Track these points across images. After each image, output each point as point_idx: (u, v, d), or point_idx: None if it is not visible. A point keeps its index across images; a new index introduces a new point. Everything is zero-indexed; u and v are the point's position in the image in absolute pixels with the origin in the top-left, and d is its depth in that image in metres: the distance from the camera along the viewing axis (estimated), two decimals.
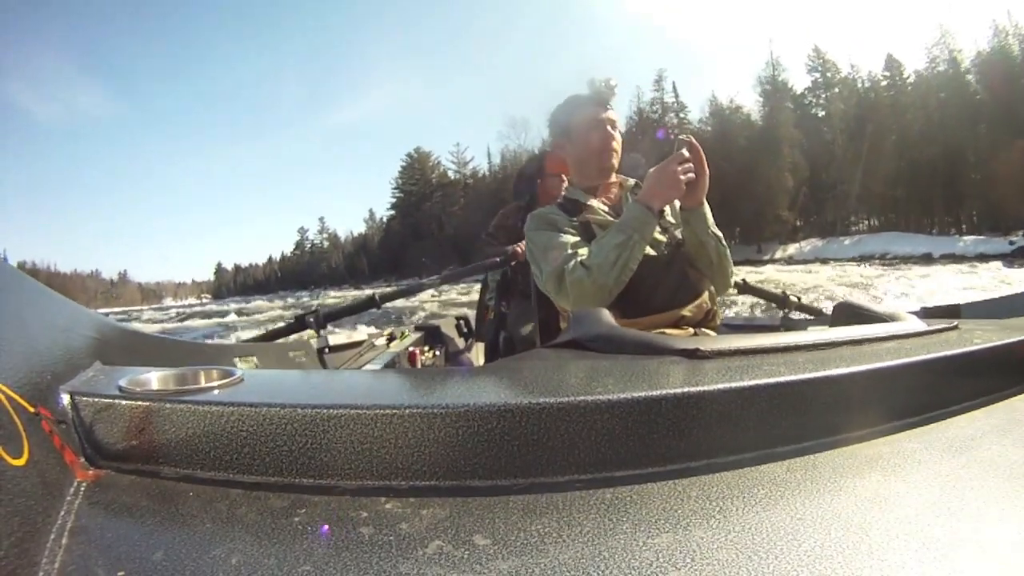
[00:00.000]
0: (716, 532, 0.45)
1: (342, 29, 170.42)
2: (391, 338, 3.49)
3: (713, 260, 1.72)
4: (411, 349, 3.34)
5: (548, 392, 0.59)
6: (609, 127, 1.78)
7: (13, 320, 0.64)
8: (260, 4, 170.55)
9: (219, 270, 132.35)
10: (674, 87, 56.63)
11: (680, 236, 1.75)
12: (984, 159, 36.62)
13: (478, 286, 3.66)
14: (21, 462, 0.47)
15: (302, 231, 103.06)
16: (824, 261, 35.95)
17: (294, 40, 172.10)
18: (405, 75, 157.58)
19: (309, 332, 2.74)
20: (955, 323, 1.04)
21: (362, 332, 3.52)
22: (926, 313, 2.18)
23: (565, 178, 2.91)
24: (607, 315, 1.07)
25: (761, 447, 0.59)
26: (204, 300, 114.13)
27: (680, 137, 1.60)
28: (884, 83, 45.76)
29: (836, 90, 47.82)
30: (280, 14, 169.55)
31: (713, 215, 1.72)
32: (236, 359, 1.77)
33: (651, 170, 1.61)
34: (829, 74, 48.89)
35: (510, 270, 3.16)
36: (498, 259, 3.03)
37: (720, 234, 1.74)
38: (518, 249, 2.93)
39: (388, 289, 3.49)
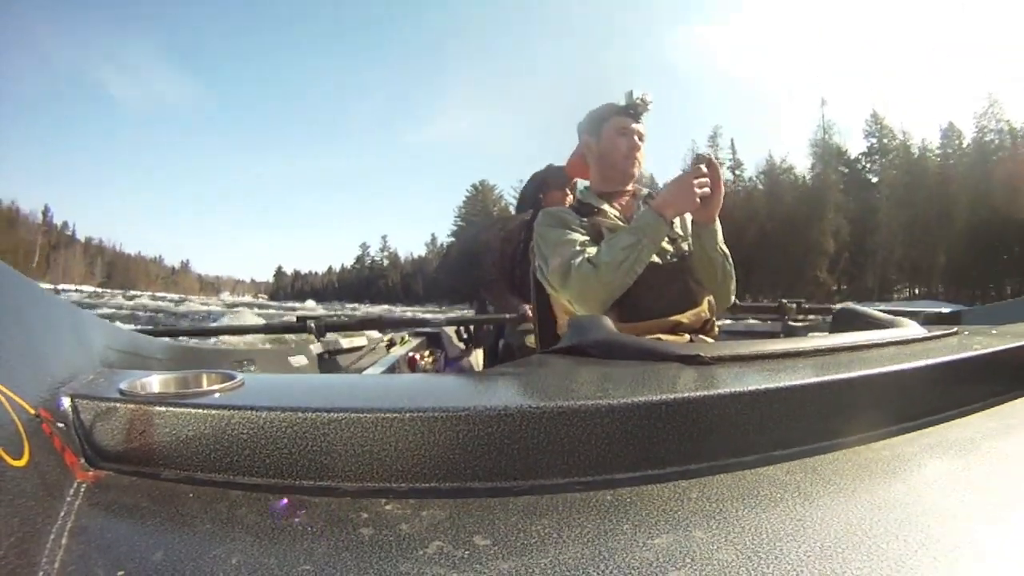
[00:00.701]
0: (716, 535, 0.45)
1: (429, 51, 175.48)
2: (391, 343, 3.54)
3: (718, 277, 1.76)
4: (411, 354, 3.41)
5: (548, 396, 0.60)
6: (637, 137, 1.82)
7: (14, 322, 0.64)
8: (353, 12, 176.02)
9: (279, 273, 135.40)
10: (732, 144, 57.63)
11: (686, 249, 1.78)
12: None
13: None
14: (21, 463, 0.47)
15: (364, 247, 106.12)
16: None
17: (383, 55, 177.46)
18: (479, 103, 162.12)
19: (309, 336, 2.76)
20: (955, 329, 1.06)
21: (362, 337, 3.49)
22: (926, 319, 2.16)
23: (570, 192, 3.07)
24: (607, 321, 1.09)
25: (762, 451, 0.59)
26: (261, 298, 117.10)
27: (699, 153, 1.65)
28: (936, 151, 46.26)
29: (891, 156, 48.30)
30: (372, 26, 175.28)
31: (753, 275, 1.99)
32: (236, 363, 1.79)
33: (668, 181, 1.66)
34: (885, 140, 49.35)
35: (514, 273, 3.19)
36: (507, 316, 3.07)
37: (728, 252, 1.77)
38: (528, 313, 2.89)
39: (394, 314, 3.54)
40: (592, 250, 1.65)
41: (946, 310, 2.49)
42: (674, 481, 0.54)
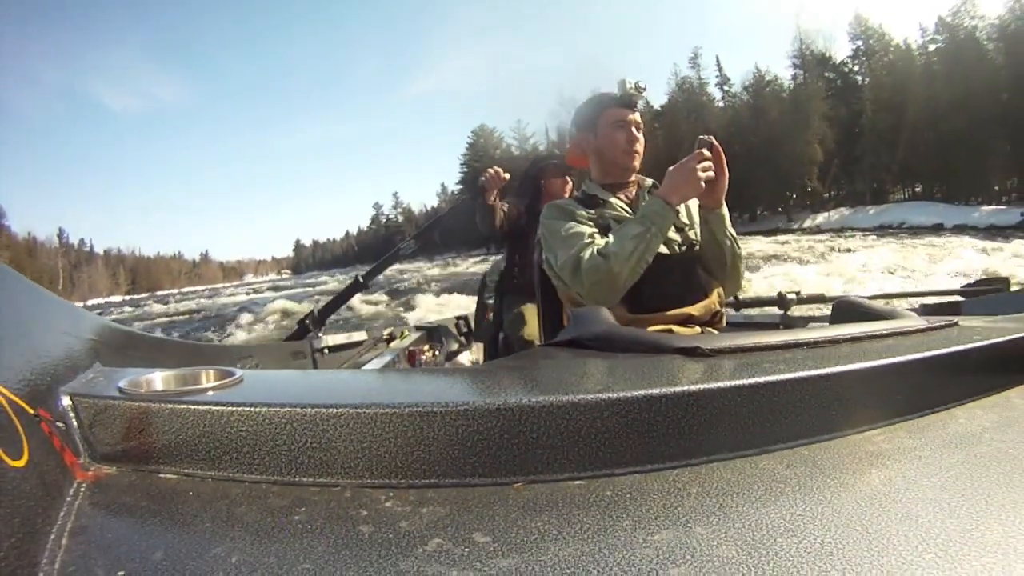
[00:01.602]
0: (716, 528, 0.45)
1: (418, 4, 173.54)
2: (390, 338, 3.55)
3: (728, 261, 1.74)
4: (410, 349, 3.38)
5: (548, 391, 0.59)
6: (634, 128, 1.81)
7: (13, 322, 0.64)
8: None
9: (298, 246, 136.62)
10: (717, 60, 56.52)
11: (694, 237, 1.77)
12: (1010, 128, 36.09)
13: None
14: (21, 463, 0.47)
15: (377, 206, 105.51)
16: (839, 231, 34.85)
17: (373, 9, 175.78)
18: (478, 49, 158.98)
19: (308, 332, 2.79)
20: (955, 320, 1.05)
21: (361, 332, 3.53)
22: (926, 310, 2.21)
23: (570, 180, 3.06)
24: (607, 314, 1.09)
25: (761, 444, 0.59)
26: (284, 275, 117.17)
27: (701, 137, 1.63)
28: (917, 50, 44.95)
29: (876, 57, 46.95)
30: None
31: (741, 186, 2.01)
32: (235, 360, 1.79)
33: (671, 168, 1.63)
34: (872, 41, 47.71)
35: (514, 267, 3.16)
36: (460, 203, 2.94)
37: (736, 235, 1.76)
38: (486, 181, 2.96)
39: (369, 267, 3.58)
40: (601, 242, 1.65)
41: (944, 299, 2.49)
42: (674, 476, 0.54)
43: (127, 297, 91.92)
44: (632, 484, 0.53)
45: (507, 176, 3.04)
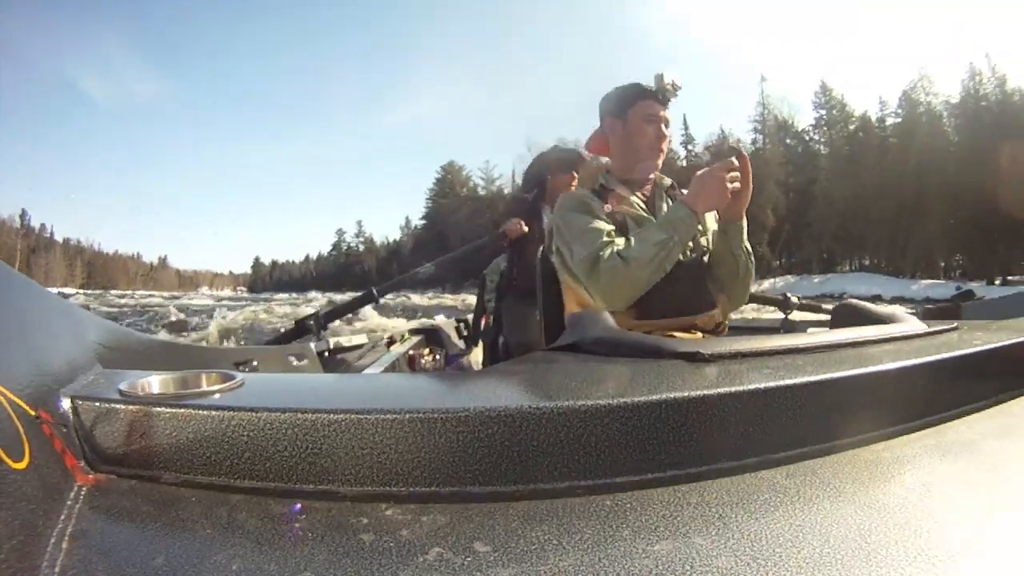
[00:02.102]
0: (717, 538, 0.45)
1: (402, 32, 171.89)
2: (391, 341, 3.52)
3: (740, 274, 1.72)
4: (411, 352, 3.37)
5: (548, 396, 0.59)
6: (664, 125, 1.77)
7: (14, 324, 0.64)
8: None
9: (256, 264, 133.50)
10: (684, 119, 58.18)
11: (704, 245, 1.75)
12: (956, 205, 37.44)
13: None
14: (22, 466, 0.47)
15: (339, 232, 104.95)
16: None
17: (352, 39, 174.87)
18: (452, 87, 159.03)
19: (309, 335, 2.76)
20: (955, 324, 1.05)
21: (362, 335, 3.49)
22: (926, 315, 2.17)
23: (576, 175, 3.00)
24: (607, 318, 1.10)
25: (762, 451, 0.59)
26: (240, 291, 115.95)
27: (731, 145, 1.98)
28: (876, 123, 46.56)
29: (837, 128, 48.55)
30: (346, 5, 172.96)
31: None
32: (236, 363, 1.78)
33: (698, 173, 1.59)
34: (835, 112, 49.39)
35: (514, 269, 3.13)
36: (487, 239, 3.11)
37: (750, 249, 1.74)
38: (510, 227, 2.92)
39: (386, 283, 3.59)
40: (620, 242, 1.61)
41: (932, 305, 2.50)
42: (674, 484, 0.54)
43: (81, 291, 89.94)
44: (633, 493, 0.52)
45: (526, 229, 3.03)
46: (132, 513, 0.52)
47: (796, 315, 3.11)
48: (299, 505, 0.52)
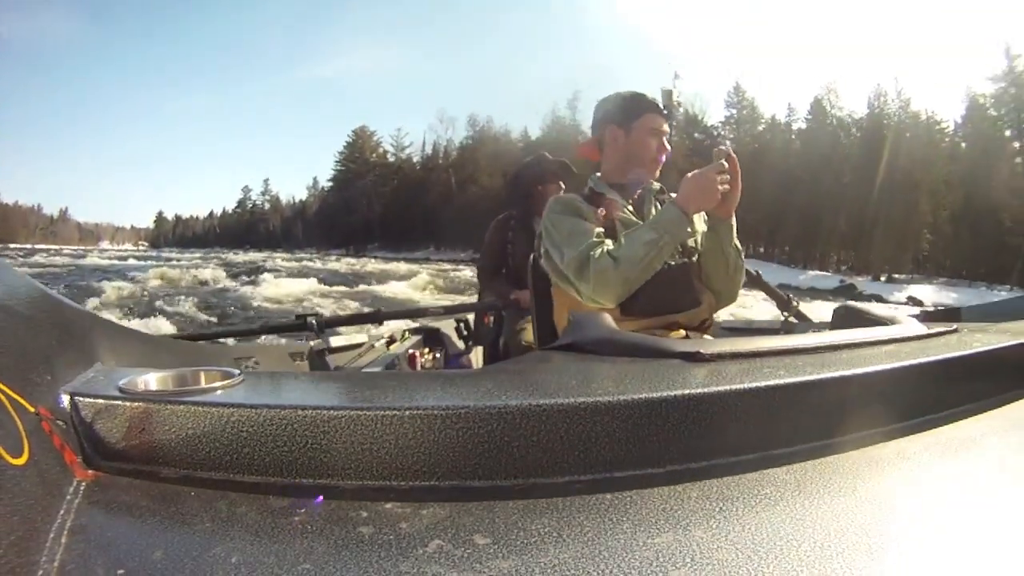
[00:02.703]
0: (716, 534, 0.45)
1: None
2: (390, 340, 3.50)
3: (730, 272, 1.74)
4: (410, 351, 3.39)
5: (548, 394, 0.59)
6: (666, 140, 1.81)
7: (13, 320, 0.64)
8: None
9: (159, 219, 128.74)
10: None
11: (692, 245, 1.76)
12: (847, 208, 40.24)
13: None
14: (21, 462, 0.47)
15: (246, 190, 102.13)
16: None
17: None
18: (373, 48, 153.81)
19: (309, 333, 2.79)
20: (955, 326, 1.06)
21: (361, 334, 3.52)
22: (926, 316, 2.06)
23: (563, 186, 3.02)
24: (607, 318, 1.08)
25: (761, 449, 0.60)
26: (141, 247, 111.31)
27: (720, 148, 1.63)
28: (782, 126, 48.56)
29: (748, 127, 50.25)
30: None
31: None
32: (236, 360, 1.76)
33: (689, 175, 1.61)
34: (746, 111, 51.17)
35: (506, 263, 3.19)
36: (499, 303, 3.11)
37: (740, 247, 1.76)
38: (520, 299, 2.92)
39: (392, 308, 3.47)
40: (609, 243, 1.63)
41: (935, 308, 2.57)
42: (674, 479, 0.54)
43: None
44: (632, 488, 0.53)
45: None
46: (131, 508, 0.53)
47: (795, 317, 3.07)
48: (298, 499, 0.52)
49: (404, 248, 63.84)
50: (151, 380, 0.66)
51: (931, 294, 34.25)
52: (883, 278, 39.03)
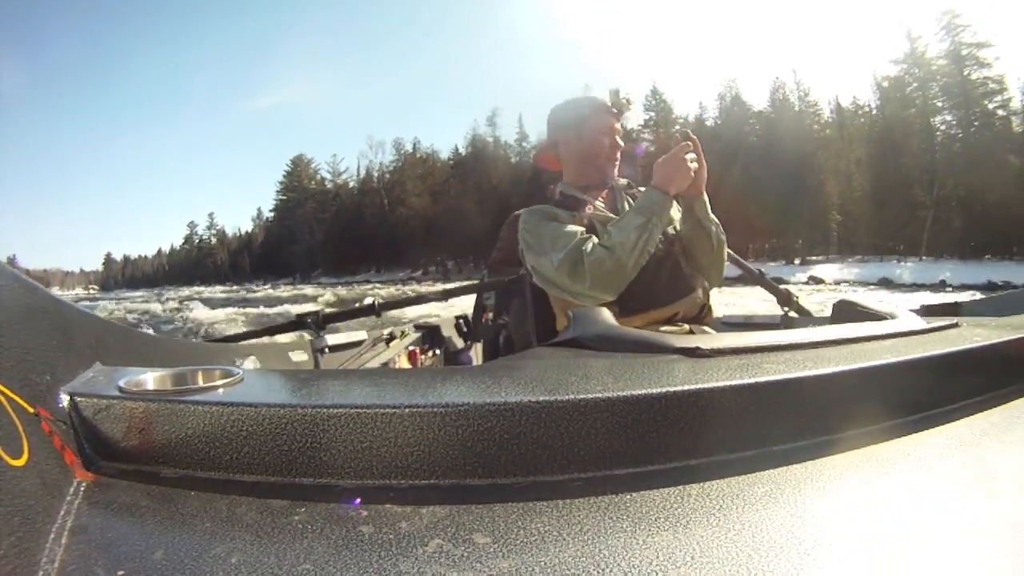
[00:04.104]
0: (716, 531, 0.45)
1: (270, 13, 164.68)
2: (390, 338, 3.51)
3: (714, 247, 1.76)
4: (410, 349, 3.38)
5: (548, 390, 0.59)
6: (618, 137, 1.85)
7: (12, 321, 0.63)
8: None
9: (108, 260, 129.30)
10: (520, 119, 61.26)
11: (673, 232, 1.78)
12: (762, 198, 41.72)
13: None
14: (21, 462, 0.47)
15: (192, 225, 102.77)
16: None
17: (218, 19, 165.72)
18: (309, 83, 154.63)
19: (308, 332, 2.76)
20: (955, 321, 1.04)
21: (361, 332, 3.48)
22: (926, 311, 2.12)
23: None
24: (607, 314, 1.07)
25: (761, 445, 0.59)
26: (92, 291, 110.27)
27: (684, 130, 1.68)
28: (692, 125, 51.05)
29: (661, 130, 52.16)
30: None
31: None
32: (236, 359, 1.77)
33: (659, 160, 1.64)
34: (663, 114, 54.45)
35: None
36: (506, 279, 2.99)
37: (718, 221, 1.77)
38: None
39: (389, 298, 3.55)
40: (595, 238, 1.64)
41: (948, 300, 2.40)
42: (674, 477, 0.54)
43: None
44: (632, 485, 0.52)
45: None
46: (131, 508, 0.52)
47: (795, 311, 3.04)
48: (298, 500, 0.52)
49: (346, 272, 65.38)
50: (151, 380, 0.67)
51: (835, 272, 36.49)
52: (797, 261, 41.05)
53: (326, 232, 71.67)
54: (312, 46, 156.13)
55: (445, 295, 3.30)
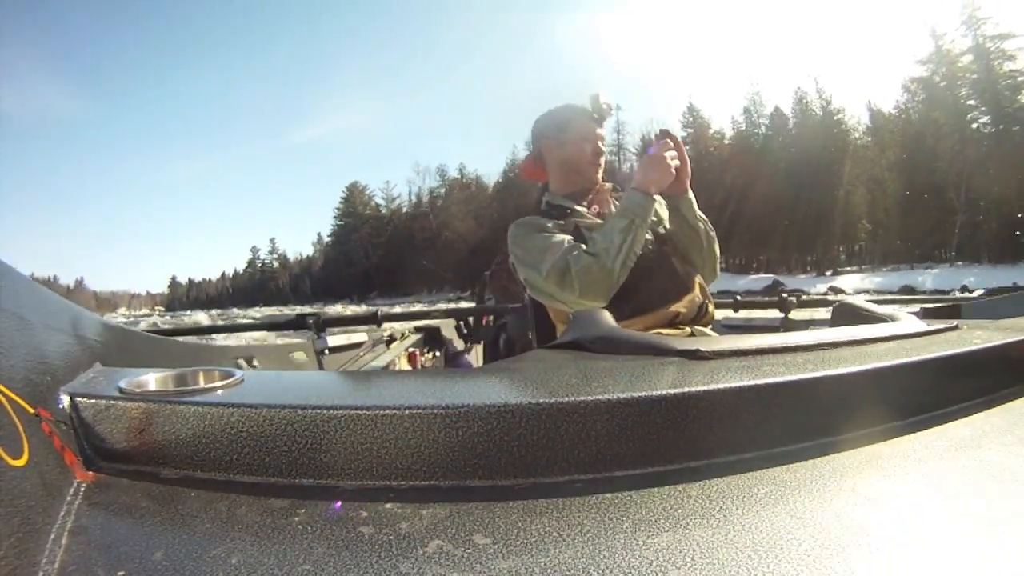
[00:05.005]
0: (716, 532, 0.44)
1: (319, 47, 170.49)
2: (391, 339, 3.50)
3: (704, 244, 1.75)
4: (411, 350, 3.37)
5: (548, 392, 0.58)
6: (600, 143, 1.84)
7: (13, 321, 0.62)
8: (243, 11, 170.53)
9: (173, 283, 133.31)
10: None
11: (663, 232, 1.77)
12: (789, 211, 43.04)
13: None
14: (21, 463, 0.46)
15: (254, 250, 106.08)
16: None
17: (270, 54, 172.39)
18: (363, 105, 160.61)
19: (309, 333, 2.75)
20: (955, 323, 1.03)
21: (362, 333, 3.45)
22: (926, 313, 2.07)
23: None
24: (607, 316, 1.07)
25: (761, 447, 0.59)
26: (158, 311, 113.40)
27: (663, 129, 1.65)
28: (721, 139, 52.57)
29: (702, 144, 52.31)
30: (262, 26, 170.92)
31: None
32: (236, 360, 1.77)
33: (641, 160, 1.64)
34: (701, 130, 54.21)
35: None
36: (511, 307, 3.08)
37: (706, 217, 1.77)
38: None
39: (392, 310, 3.66)
40: (583, 246, 1.63)
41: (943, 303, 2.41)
42: (674, 478, 0.54)
43: None
44: (632, 486, 0.53)
45: None
46: (131, 509, 0.52)
47: (796, 314, 3.07)
48: (298, 500, 0.52)
49: (399, 294, 67.52)
50: (151, 380, 0.66)
51: (856, 281, 36.50)
52: (829, 272, 41.80)
53: (381, 256, 74.44)
54: (354, 79, 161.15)
55: (447, 314, 3.53)
